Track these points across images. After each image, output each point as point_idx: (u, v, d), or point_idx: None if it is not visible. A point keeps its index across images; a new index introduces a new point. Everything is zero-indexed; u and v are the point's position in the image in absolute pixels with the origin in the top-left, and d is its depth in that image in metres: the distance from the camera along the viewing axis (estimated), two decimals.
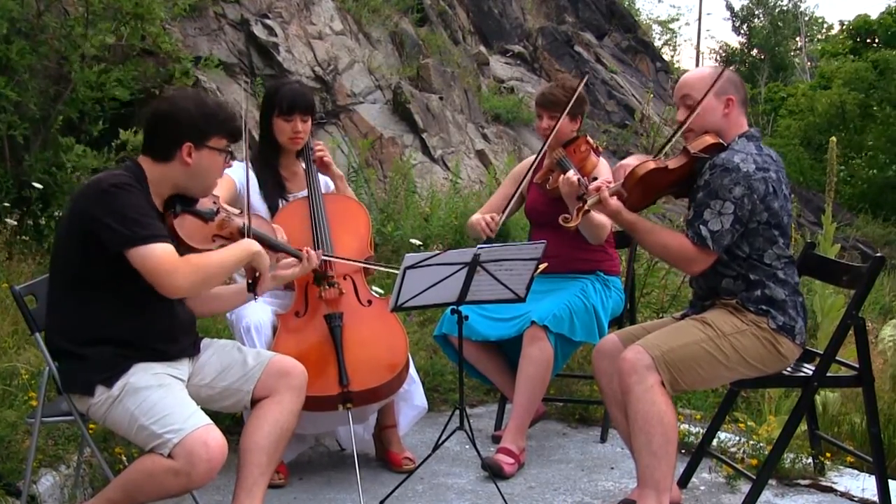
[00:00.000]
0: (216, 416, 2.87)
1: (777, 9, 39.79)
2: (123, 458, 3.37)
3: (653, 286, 5.76)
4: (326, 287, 3.52)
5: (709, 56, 42.18)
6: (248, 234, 2.85)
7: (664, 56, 25.43)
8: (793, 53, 39.02)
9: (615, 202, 3.07)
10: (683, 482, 3.57)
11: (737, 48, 40.45)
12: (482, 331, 3.82)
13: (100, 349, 2.67)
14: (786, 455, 3.57)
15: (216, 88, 7.39)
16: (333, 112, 8.69)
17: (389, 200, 7.20)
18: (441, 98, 10.00)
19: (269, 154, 3.75)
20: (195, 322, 2.98)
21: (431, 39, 11.20)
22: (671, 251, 3.11)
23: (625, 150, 10.45)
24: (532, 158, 4.17)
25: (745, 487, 3.36)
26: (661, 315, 5.11)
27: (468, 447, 3.87)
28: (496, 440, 4.02)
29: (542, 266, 3.40)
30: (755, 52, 39.11)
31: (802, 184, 21.33)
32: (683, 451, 3.74)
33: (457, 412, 3.34)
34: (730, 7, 41.72)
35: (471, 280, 3.16)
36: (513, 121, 11.52)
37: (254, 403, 2.89)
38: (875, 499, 3.35)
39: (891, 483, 3.34)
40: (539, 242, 3.23)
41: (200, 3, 7.40)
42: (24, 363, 3.81)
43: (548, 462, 3.88)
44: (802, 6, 40.51)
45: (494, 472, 3.56)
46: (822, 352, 3.25)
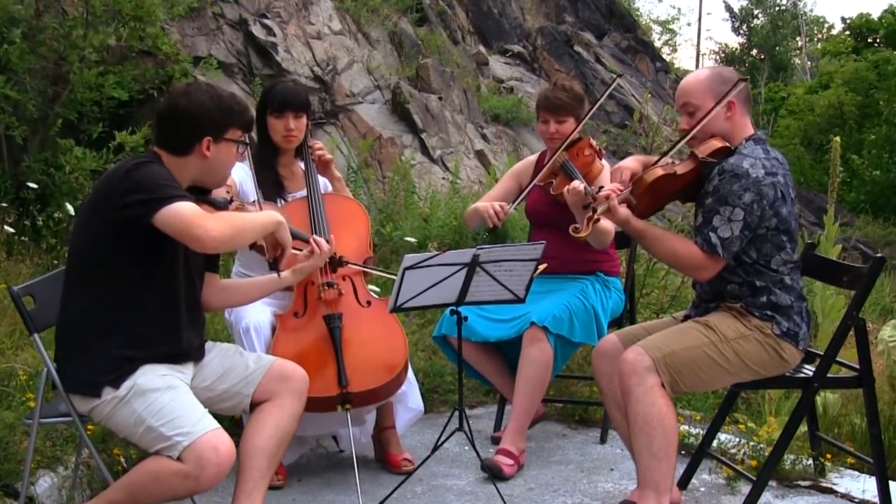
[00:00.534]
0: (214, 418, 2.85)
1: (776, 8, 39.80)
2: (122, 460, 3.37)
3: (652, 286, 5.75)
4: (326, 287, 3.52)
5: (709, 57, 42.23)
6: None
7: (664, 56, 25.41)
8: (793, 53, 39.05)
9: (624, 210, 3.04)
10: (683, 483, 3.56)
11: (736, 48, 40.47)
12: (481, 332, 3.81)
13: (107, 349, 2.66)
14: (786, 456, 3.56)
15: None
16: (332, 112, 8.67)
17: (388, 201, 7.18)
18: (440, 98, 9.97)
19: (268, 154, 3.74)
20: (204, 326, 2.99)
21: (430, 39, 11.18)
22: (680, 258, 3.09)
23: (624, 151, 10.43)
24: (534, 157, 4.16)
25: (746, 489, 3.36)
26: (661, 316, 5.10)
27: (467, 448, 3.86)
28: (495, 441, 4.01)
29: (542, 267, 3.39)
30: (755, 53, 39.13)
31: (803, 184, 21.31)
32: (683, 453, 3.73)
33: (456, 413, 3.33)
34: (728, 8, 41.78)
35: (470, 281, 3.16)
36: (512, 121, 11.50)
37: (253, 407, 2.89)
38: (876, 500, 3.35)
39: (891, 484, 3.33)
40: (538, 243, 3.22)
41: (199, 3, 7.37)
42: (22, 364, 3.80)
43: (547, 463, 3.88)
44: (801, 5, 40.58)
45: (494, 474, 3.55)
46: (823, 353, 3.24)
